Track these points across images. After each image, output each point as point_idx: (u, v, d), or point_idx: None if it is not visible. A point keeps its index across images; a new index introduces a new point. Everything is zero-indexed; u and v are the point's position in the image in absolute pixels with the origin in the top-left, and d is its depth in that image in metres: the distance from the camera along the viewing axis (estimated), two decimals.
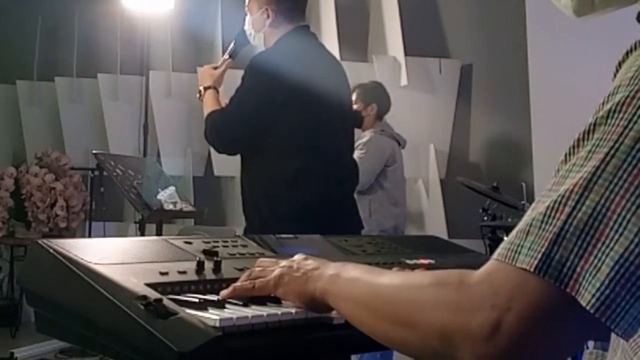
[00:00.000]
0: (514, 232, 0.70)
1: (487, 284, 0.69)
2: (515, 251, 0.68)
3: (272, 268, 1.03)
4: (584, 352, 0.97)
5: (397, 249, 1.48)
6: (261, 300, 1.00)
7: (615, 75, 0.73)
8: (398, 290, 0.80)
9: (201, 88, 2.66)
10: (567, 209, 0.66)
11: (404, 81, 4.97)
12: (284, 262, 1.03)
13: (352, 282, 0.89)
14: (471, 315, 0.69)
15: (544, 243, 0.66)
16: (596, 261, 0.64)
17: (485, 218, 3.78)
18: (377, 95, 4.10)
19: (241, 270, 1.12)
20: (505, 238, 0.73)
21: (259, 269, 1.05)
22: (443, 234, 4.47)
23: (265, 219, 2.44)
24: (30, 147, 5.93)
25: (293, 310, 0.95)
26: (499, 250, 0.71)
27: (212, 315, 0.87)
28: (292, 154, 2.44)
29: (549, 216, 0.67)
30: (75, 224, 5.52)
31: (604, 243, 0.64)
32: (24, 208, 5.36)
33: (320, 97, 2.46)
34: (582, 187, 0.66)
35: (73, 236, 5.46)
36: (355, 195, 2.75)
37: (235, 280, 1.08)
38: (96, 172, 5.46)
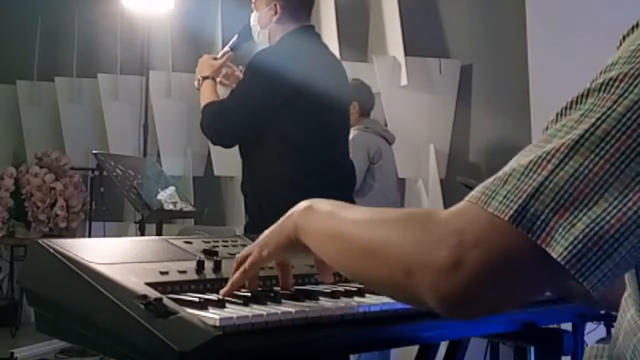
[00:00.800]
0: (490, 179, 0.71)
1: (456, 222, 0.70)
2: (490, 196, 0.69)
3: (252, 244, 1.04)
4: (586, 348, 0.97)
5: None
6: (261, 300, 1.00)
7: (618, 49, 0.73)
8: (366, 225, 0.81)
9: (200, 77, 2.66)
10: (550, 166, 0.67)
11: (404, 81, 4.97)
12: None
13: (323, 215, 0.90)
14: (435, 249, 0.70)
15: (522, 195, 0.67)
16: (572, 218, 0.65)
17: None
18: (357, 93, 4.06)
19: None
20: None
21: (242, 253, 1.05)
22: None
23: (266, 215, 2.45)
24: (30, 147, 5.94)
25: (293, 310, 0.95)
26: (473, 193, 0.71)
27: (212, 315, 0.87)
28: (292, 154, 2.44)
29: (531, 170, 0.68)
30: (75, 224, 5.52)
31: (581, 202, 0.65)
32: (24, 208, 5.36)
33: (320, 97, 2.47)
34: (568, 147, 0.67)
35: (73, 236, 5.47)
36: None
37: None
38: (96, 172, 5.46)
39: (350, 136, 3.95)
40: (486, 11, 5.09)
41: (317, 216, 0.91)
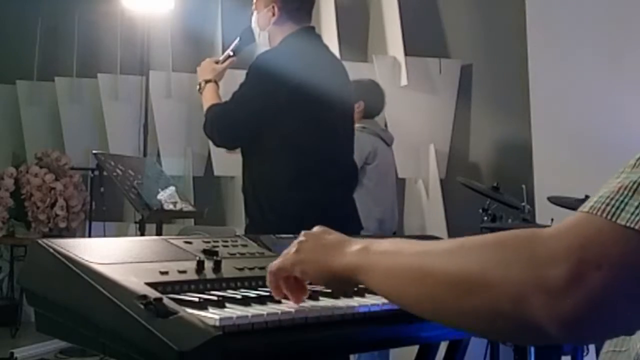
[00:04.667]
0: (611, 188, 0.64)
1: (573, 236, 0.63)
2: (618, 207, 0.62)
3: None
4: (600, 352, 0.96)
5: None
6: (261, 300, 1.00)
7: None
8: (453, 255, 0.73)
9: (202, 81, 2.66)
10: None
11: (404, 81, 4.97)
12: (302, 237, 0.96)
13: (389, 255, 0.82)
14: (549, 268, 0.62)
15: None
16: None
17: (485, 218, 3.78)
18: (365, 93, 4.03)
19: (241, 269, 1.12)
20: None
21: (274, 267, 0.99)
22: (443, 234, 4.47)
23: (267, 216, 2.45)
24: (30, 147, 5.94)
25: (293, 310, 0.95)
26: (591, 203, 0.64)
27: (212, 315, 0.87)
28: (293, 154, 2.44)
29: None
30: (75, 224, 5.52)
31: None
32: (24, 208, 5.36)
33: (322, 99, 2.47)
34: None
35: (73, 236, 5.47)
36: None
37: (235, 280, 1.08)
38: (96, 172, 5.47)
39: None
40: (486, 11, 5.09)
41: (380, 256, 0.83)
